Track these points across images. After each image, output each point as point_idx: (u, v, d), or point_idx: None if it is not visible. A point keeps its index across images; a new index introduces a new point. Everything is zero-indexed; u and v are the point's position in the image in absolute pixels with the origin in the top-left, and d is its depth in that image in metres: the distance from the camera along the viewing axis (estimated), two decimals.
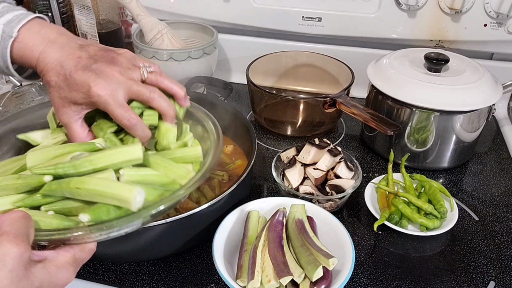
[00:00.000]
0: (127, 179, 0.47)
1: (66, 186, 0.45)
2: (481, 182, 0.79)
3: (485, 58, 1.00)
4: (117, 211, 0.45)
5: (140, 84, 0.53)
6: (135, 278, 0.60)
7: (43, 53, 0.52)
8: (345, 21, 0.99)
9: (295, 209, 0.60)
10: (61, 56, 0.52)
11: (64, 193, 0.45)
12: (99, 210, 0.44)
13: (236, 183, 0.59)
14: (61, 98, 0.52)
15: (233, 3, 1.02)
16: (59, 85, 0.51)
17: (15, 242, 0.35)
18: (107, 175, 0.47)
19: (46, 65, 0.52)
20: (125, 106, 0.52)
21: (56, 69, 0.51)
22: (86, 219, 0.43)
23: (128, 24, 1.17)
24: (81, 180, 0.45)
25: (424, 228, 0.66)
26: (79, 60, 0.51)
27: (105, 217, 0.44)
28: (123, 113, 0.51)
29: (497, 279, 0.61)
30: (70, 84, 0.51)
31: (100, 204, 0.44)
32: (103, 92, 0.50)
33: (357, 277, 0.61)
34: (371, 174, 0.79)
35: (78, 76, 0.50)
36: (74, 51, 0.52)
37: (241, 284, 0.52)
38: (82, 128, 0.54)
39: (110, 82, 0.51)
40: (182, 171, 0.51)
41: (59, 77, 0.51)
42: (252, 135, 0.71)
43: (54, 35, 0.53)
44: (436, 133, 0.77)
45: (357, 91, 0.96)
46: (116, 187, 0.44)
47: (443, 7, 0.92)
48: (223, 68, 1.11)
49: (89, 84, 0.50)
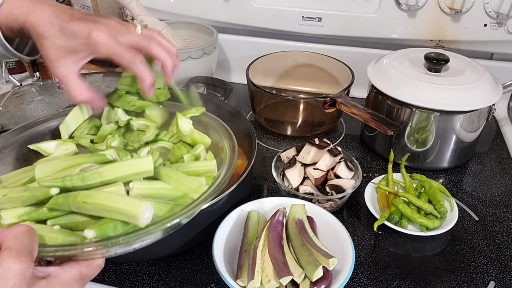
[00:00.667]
0: (137, 192, 0.46)
1: (73, 200, 0.44)
2: (481, 182, 0.79)
3: (485, 58, 1.00)
4: (124, 227, 0.43)
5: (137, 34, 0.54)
6: (135, 278, 0.60)
7: (33, 9, 0.51)
8: (345, 21, 0.99)
9: (295, 209, 0.60)
10: (54, 11, 0.51)
11: (71, 207, 0.44)
12: (105, 226, 0.43)
13: (236, 183, 0.59)
14: (57, 49, 0.51)
15: (233, 3, 1.02)
16: (54, 35, 0.50)
17: (17, 258, 0.34)
18: (115, 189, 0.45)
19: (38, 18, 0.51)
20: (128, 46, 0.53)
21: (50, 20, 0.51)
22: (91, 235, 0.42)
23: None
24: (88, 194, 0.44)
25: (424, 228, 0.66)
26: (73, 14, 0.52)
27: (112, 233, 0.43)
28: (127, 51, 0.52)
29: (497, 279, 0.61)
30: (68, 32, 0.50)
31: (107, 220, 0.43)
32: (104, 34, 0.50)
33: (357, 277, 0.61)
34: (371, 174, 0.79)
35: (76, 24, 0.50)
36: (66, 9, 0.52)
37: (241, 284, 0.52)
38: (81, 80, 0.53)
39: (109, 28, 0.51)
40: (194, 185, 0.50)
41: (54, 27, 0.50)
42: (252, 135, 0.71)
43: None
44: (436, 133, 0.77)
45: (357, 91, 0.96)
46: (123, 202, 0.43)
47: (443, 7, 0.92)
48: (223, 68, 1.11)
49: (89, 29, 0.50)
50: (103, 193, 0.44)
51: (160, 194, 0.48)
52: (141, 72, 0.55)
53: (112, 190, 0.46)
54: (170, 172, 0.51)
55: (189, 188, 0.50)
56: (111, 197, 0.44)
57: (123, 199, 0.44)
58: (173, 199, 0.49)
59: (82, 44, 0.51)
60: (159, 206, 0.46)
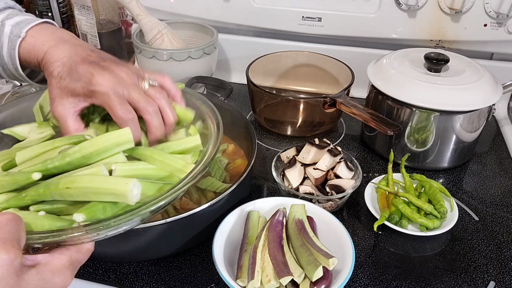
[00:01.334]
0: (120, 174, 0.45)
1: (55, 188, 0.42)
2: (481, 182, 0.79)
3: (485, 58, 1.00)
4: (114, 208, 0.42)
5: (141, 92, 0.52)
6: (135, 278, 0.60)
7: (54, 47, 0.52)
8: (345, 21, 0.99)
9: (295, 209, 0.60)
10: (72, 51, 0.51)
11: (54, 196, 0.43)
12: (95, 209, 0.42)
13: (236, 183, 0.59)
14: (60, 88, 0.51)
15: (233, 3, 1.02)
16: (62, 75, 0.50)
17: (4, 248, 0.33)
18: (96, 170, 0.44)
19: (53, 57, 0.51)
20: (124, 101, 0.50)
21: (62, 60, 0.51)
22: (81, 218, 0.41)
23: (128, 24, 1.17)
24: (70, 180, 0.42)
25: (424, 228, 0.66)
26: (88, 57, 0.51)
27: (102, 215, 0.42)
28: (121, 105, 0.50)
29: (497, 279, 0.61)
30: (73, 74, 0.50)
31: (95, 202, 0.42)
32: (105, 82, 0.49)
33: (357, 277, 0.61)
34: (371, 174, 0.79)
35: (83, 67, 0.50)
36: (85, 51, 0.52)
37: (241, 284, 0.52)
38: (78, 123, 0.52)
39: (114, 77, 0.50)
40: (179, 164, 0.49)
41: (63, 68, 0.50)
42: (252, 135, 0.71)
43: (67, 36, 0.54)
44: (436, 133, 0.77)
45: (357, 91, 0.96)
46: (109, 181, 0.42)
47: (443, 7, 0.92)
48: (223, 68, 1.11)
49: (92, 74, 0.49)
50: (86, 177, 0.43)
51: (144, 174, 0.47)
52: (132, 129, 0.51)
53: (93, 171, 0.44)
54: (154, 152, 0.49)
55: (174, 167, 0.48)
56: (95, 179, 0.42)
57: (108, 179, 0.43)
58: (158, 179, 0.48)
59: (82, 88, 0.50)
60: (147, 186, 0.45)
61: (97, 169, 0.44)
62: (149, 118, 0.52)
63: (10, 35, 0.52)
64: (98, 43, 1.07)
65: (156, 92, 0.53)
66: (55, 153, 0.47)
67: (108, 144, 0.46)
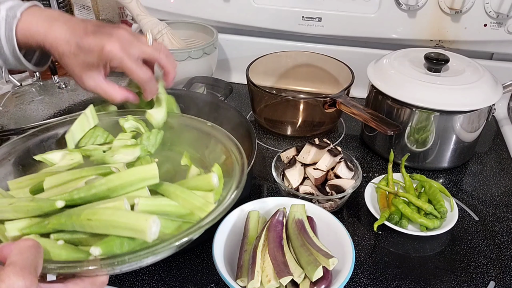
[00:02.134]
0: (142, 208, 0.45)
1: (77, 219, 0.43)
2: (481, 182, 0.79)
3: (485, 58, 1.00)
4: (131, 244, 0.42)
5: (148, 46, 0.58)
6: (135, 278, 0.60)
7: (50, 29, 0.55)
8: (345, 21, 0.99)
9: (295, 209, 0.60)
10: (68, 28, 0.55)
11: (75, 226, 0.43)
12: (112, 243, 0.42)
13: None
14: (80, 65, 0.55)
15: (233, 3, 1.02)
16: (74, 52, 0.54)
17: (21, 274, 0.33)
18: (119, 204, 0.44)
19: (55, 38, 0.54)
20: (139, 62, 0.56)
21: (66, 39, 0.54)
22: (97, 252, 0.41)
23: (128, 24, 1.17)
24: (92, 211, 0.43)
25: (424, 228, 0.66)
26: (86, 29, 0.54)
27: (118, 251, 0.42)
28: (138, 68, 0.55)
29: (497, 279, 0.61)
30: (84, 48, 0.54)
31: (113, 237, 0.42)
32: (116, 48, 0.53)
33: (357, 277, 0.61)
34: (371, 174, 0.79)
35: (90, 39, 0.54)
36: (79, 24, 0.55)
37: (241, 284, 0.52)
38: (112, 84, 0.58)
39: (121, 40, 0.54)
40: (200, 202, 0.49)
41: (71, 46, 0.54)
42: (252, 135, 0.71)
43: (57, 14, 0.57)
44: (436, 133, 0.77)
45: (357, 91, 0.96)
46: (130, 217, 0.42)
47: (443, 7, 0.92)
48: (223, 68, 1.11)
49: (102, 43, 0.53)
50: (108, 209, 0.43)
51: (166, 211, 0.47)
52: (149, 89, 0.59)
53: (116, 205, 0.44)
54: (177, 189, 0.50)
55: (195, 206, 0.48)
56: (116, 213, 0.43)
57: (129, 214, 0.43)
58: (179, 217, 0.48)
59: (97, 58, 0.54)
60: (166, 224, 0.45)
61: (119, 203, 0.44)
62: (163, 62, 0.59)
63: (6, 18, 0.55)
64: None
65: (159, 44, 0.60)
66: (82, 183, 0.48)
67: (134, 179, 0.47)
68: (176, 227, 0.46)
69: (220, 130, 0.62)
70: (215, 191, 0.52)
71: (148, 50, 0.57)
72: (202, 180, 0.52)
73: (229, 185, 0.51)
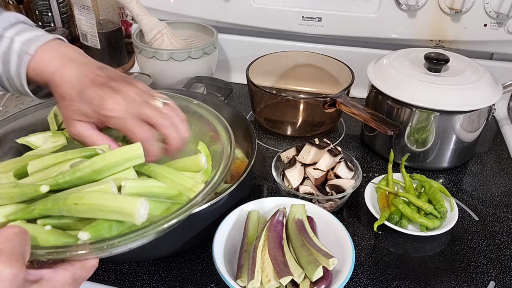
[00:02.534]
0: (129, 191, 0.45)
1: (63, 204, 0.42)
2: (481, 182, 0.79)
3: (485, 58, 1.00)
4: (119, 227, 0.42)
5: (155, 109, 0.51)
6: (135, 278, 0.60)
7: (61, 68, 0.51)
8: (345, 21, 0.99)
9: (295, 209, 0.60)
10: (79, 72, 0.51)
11: (61, 211, 0.42)
12: (100, 227, 0.41)
13: (236, 183, 0.59)
14: (73, 111, 0.51)
15: (233, 3, 1.02)
16: (73, 97, 0.50)
17: (8, 262, 0.33)
18: (105, 187, 0.44)
19: (62, 79, 0.51)
20: (140, 121, 0.50)
21: (72, 82, 0.50)
22: (86, 237, 0.41)
23: (128, 24, 1.17)
24: (79, 195, 0.42)
25: (424, 228, 0.66)
26: (96, 77, 0.50)
27: (107, 234, 0.41)
28: (139, 127, 0.50)
29: (497, 279, 0.61)
30: (85, 97, 0.49)
31: (101, 220, 0.42)
32: (116, 106, 0.49)
33: (357, 277, 0.61)
34: (371, 174, 0.79)
35: (93, 91, 0.49)
36: (93, 70, 0.51)
37: (241, 284, 0.52)
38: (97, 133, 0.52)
39: (125, 99, 0.49)
40: (189, 183, 0.48)
41: (73, 91, 0.50)
42: (252, 135, 0.71)
43: (74, 54, 0.52)
44: (436, 133, 0.77)
45: (357, 91, 0.96)
46: (117, 200, 0.42)
47: (443, 7, 0.92)
48: (223, 68, 1.11)
49: (103, 98, 0.49)
50: (95, 193, 0.43)
51: (154, 192, 0.46)
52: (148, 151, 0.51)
53: (102, 188, 0.44)
54: (164, 170, 0.49)
55: (183, 186, 0.48)
56: (103, 196, 0.42)
57: (116, 197, 0.43)
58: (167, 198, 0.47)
59: (94, 112, 0.50)
60: (155, 205, 0.44)
61: (106, 186, 0.44)
62: (166, 131, 0.52)
63: (20, 52, 0.51)
64: (98, 43, 1.07)
65: (169, 110, 0.53)
66: (67, 166, 0.47)
67: (118, 159, 0.46)
68: (165, 209, 0.45)
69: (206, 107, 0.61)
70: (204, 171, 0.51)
71: (154, 117, 0.51)
72: (190, 161, 0.51)
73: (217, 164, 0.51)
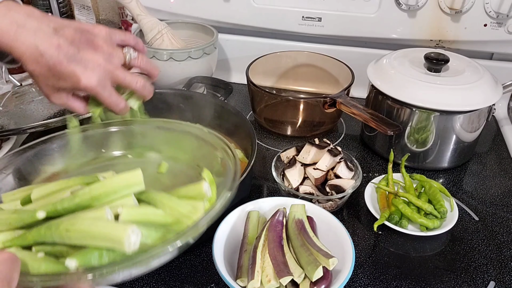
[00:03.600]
0: (125, 218, 0.43)
1: (56, 230, 0.41)
2: (481, 182, 0.79)
3: (485, 58, 1.00)
4: (111, 256, 0.40)
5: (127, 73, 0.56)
6: (135, 278, 0.60)
7: (16, 41, 0.50)
8: (345, 21, 0.99)
9: (295, 209, 0.60)
10: (37, 44, 0.50)
11: (54, 238, 0.41)
12: (89, 255, 0.40)
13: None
14: (49, 86, 0.53)
15: (233, 3, 1.02)
16: (44, 74, 0.51)
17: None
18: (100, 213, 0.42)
19: (23, 54, 0.50)
20: (114, 93, 0.55)
21: (35, 57, 0.50)
22: (73, 264, 0.39)
23: (128, 24, 1.17)
24: (71, 222, 0.41)
25: (424, 228, 0.66)
26: (59, 49, 0.51)
27: (96, 262, 0.39)
28: (113, 99, 0.55)
29: (497, 279, 0.61)
30: (56, 74, 0.51)
31: (91, 248, 0.40)
32: (92, 83, 0.52)
33: (357, 277, 0.61)
34: (371, 174, 0.79)
35: (64, 67, 0.51)
36: (50, 38, 0.50)
37: (241, 284, 0.52)
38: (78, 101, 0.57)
39: (97, 71, 0.52)
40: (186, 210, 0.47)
41: (41, 67, 0.51)
42: (252, 135, 0.71)
43: (22, 18, 0.50)
44: (436, 133, 0.77)
45: (357, 91, 0.96)
46: (107, 227, 0.40)
47: (443, 7, 0.92)
48: (223, 68, 1.11)
49: (77, 76, 0.51)
50: (86, 220, 0.41)
51: (151, 220, 0.45)
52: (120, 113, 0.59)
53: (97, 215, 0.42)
54: (164, 197, 0.48)
55: (181, 213, 0.46)
56: (94, 223, 0.41)
57: (107, 223, 0.41)
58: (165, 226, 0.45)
59: (71, 87, 0.53)
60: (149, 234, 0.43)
61: (101, 212, 0.43)
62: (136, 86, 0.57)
63: None
64: None
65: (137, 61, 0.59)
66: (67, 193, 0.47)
67: (117, 186, 0.45)
68: (160, 237, 0.43)
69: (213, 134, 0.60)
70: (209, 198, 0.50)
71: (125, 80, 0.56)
72: (192, 188, 0.50)
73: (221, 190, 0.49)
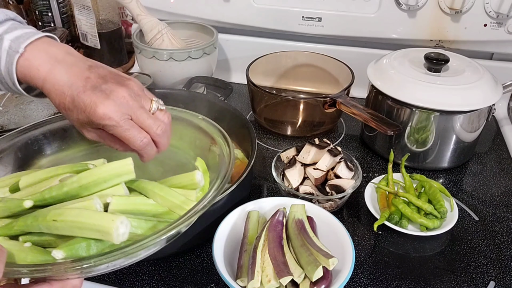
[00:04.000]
0: (115, 208, 0.42)
1: (43, 220, 0.40)
2: (481, 182, 0.79)
3: (485, 58, 1.00)
4: (99, 246, 0.39)
5: (149, 116, 0.50)
6: (135, 278, 0.60)
7: (50, 74, 0.49)
8: (345, 21, 0.99)
9: (295, 209, 0.60)
10: (69, 77, 0.49)
11: (41, 228, 0.41)
12: (76, 246, 0.39)
13: (236, 183, 0.59)
14: (74, 121, 0.49)
15: (233, 3, 1.02)
16: (68, 107, 0.48)
17: None
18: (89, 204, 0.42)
19: (53, 86, 0.49)
20: (136, 127, 0.49)
21: (63, 90, 0.48)
22: (60, 255, 0.38)
23: (128, 24, 1.17)
24: (59, 212, 0.40)
25: (424, 228, 0.66)
26: (87, 81, 0.48)
27: (84, 253, 0.39)
28: (136, 134, 0.48)
29: (497, 279, 0.61)
30: (78, 105, 0.48)
31: (79, 239, 0.39)
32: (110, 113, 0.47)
33: (357, 277, 0.61)
34: (371, 174, 0.79)
35: (86, 96, 0.47)
36: (82, 72, 0.49)
37: (241, 284, 0.52)
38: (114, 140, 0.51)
39: (119, 102, 0.47)
40: (179, 200, 0.46)
41: (66, 99, 0.48)
42: (252, 135, 0.71)
43: (62, 54, 0.50)
44: (436, 133, 0.77)
45: (357, 91, 0.96)
46: (95, 217, 0.39)
47: (443, 7, 0.92)
48: (223, 68, 1.11)
49: (95, 104, 0.46)
50: (74, 210, 0.41)
51: (141, 210, 0.44)
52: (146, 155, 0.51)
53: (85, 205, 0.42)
54: (156, 186, 0.47)
55: (173, 203, 0.45)
56: (83, 213, 0.40)
57: (95, 214, 0.40)
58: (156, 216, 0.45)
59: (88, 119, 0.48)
60: (140, 224, 0.42)
61: (89, 202, 0.42)
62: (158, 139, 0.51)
63: (9, 50, 0.49)
64: (98, 43, 1.07)
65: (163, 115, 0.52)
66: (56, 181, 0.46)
67: (107, 175, 0.44)
68: (150, 227, 0.43)
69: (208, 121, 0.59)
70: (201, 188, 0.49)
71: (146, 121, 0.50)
72: (185, 177, 0.49)
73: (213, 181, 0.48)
